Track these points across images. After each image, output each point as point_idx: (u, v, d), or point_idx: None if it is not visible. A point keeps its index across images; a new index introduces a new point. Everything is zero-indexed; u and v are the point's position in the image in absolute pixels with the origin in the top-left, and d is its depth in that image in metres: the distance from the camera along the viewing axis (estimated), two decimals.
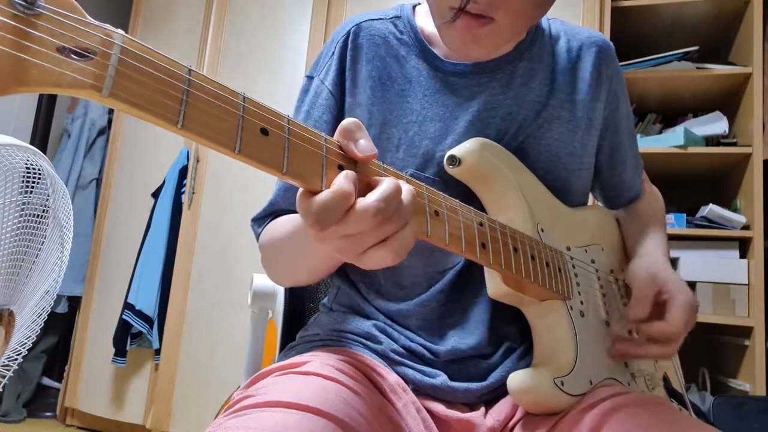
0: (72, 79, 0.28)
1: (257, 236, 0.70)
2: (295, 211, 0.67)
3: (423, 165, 0.63)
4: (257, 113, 0.36)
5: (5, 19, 0.26)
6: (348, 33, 0.68)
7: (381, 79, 0.66)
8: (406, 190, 0.42)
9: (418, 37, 0.67)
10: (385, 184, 0.40)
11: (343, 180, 0.39)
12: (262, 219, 0.70)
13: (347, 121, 0.42)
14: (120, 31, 0.31)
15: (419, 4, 0.73)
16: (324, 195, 0.38)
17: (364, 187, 0.41)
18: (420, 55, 0.67)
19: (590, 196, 0.78)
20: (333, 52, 0.68)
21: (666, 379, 0.71)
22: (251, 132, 0.35)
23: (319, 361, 0.54)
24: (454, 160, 0.59)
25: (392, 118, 0.65)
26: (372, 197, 0.39)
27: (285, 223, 0.63)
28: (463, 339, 0.61)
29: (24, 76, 0.27)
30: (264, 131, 0.36)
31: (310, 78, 0.70)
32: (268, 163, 0.36)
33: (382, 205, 0.39)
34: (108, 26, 0.30)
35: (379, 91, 0.66)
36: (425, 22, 0.69)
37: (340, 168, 0.41)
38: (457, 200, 0.50)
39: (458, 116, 0.64)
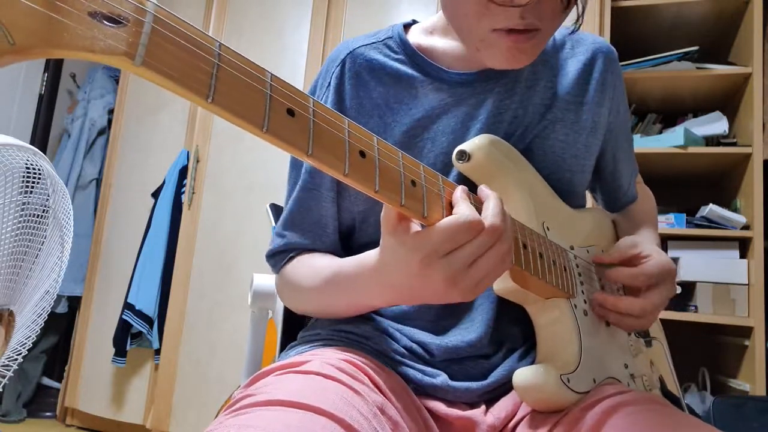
0: (105, 46, 0.28)
1: (276, 271, 0.70)
2: (310, 248, 0.68)
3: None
4: (284, 93, 0.36)
5: None
6: (343, 62, 0.67)
7: (388, 104, 0.65)
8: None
9: (415, 53, 0.67)
10: (494, 199, 0.47)
11: (465, 208, 0.46)
12: (276, 255, 0.70)
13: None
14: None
15: (412, 23, 0.72)
16: (449, 223, 0.44)
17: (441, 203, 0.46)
18: (421, 70, 0.66)
19: (588, 199, 0.78)
20: (329, 83, 0.67)
21: (662, 381, 0.71)
22: (278, 111, 0.35)
23: (319, 360, 0.54)
24: (464, 156, 0.59)
25: (405, 140, 0.64)
26: (493, 214, 0.46)
27: (325, 268, 0.62)
28: (464, 338, 0.61)
29: (57, 39, 0.26)
30: (290, 112, 0.36)
31: None
32: (295, 144, 0.36)
33: (501, 220, 0.46)
34: None
35: (388, 117, 0.65)
36: (420, 38, 0.69)
37: (362, 154, 0.40)
38: (471, 193, 0.51)
39: (468, 125, 0.64)
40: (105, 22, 0.28)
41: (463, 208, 0.45)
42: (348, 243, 0.70)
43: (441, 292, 0.47)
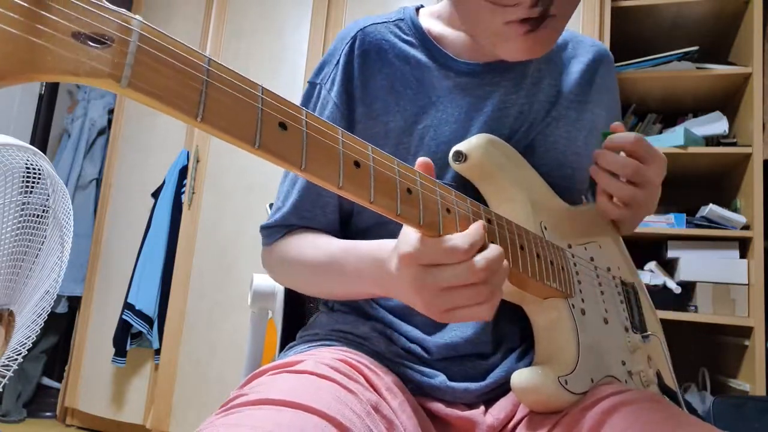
0: (89, 68, 0.27)
1: (267, 245, 0.70)
2: (307, 226, 0.67)
3: (439, 171, 0.63)
4: (276, 106, 0.35)
5: (18, 1, 0.25)
6: (353, 39, 0.66)
7: (393, 87, 0.65)
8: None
9: (426, 37, 0.67)
10: (496, 249, 0.46)
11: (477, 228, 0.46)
12: (272, 228, 0.69)
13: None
14: (138, 17, 0.29)
15: (421, 6, 0.72)
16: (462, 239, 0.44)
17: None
18: (429, 55, 0.66)
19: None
20: (338, 61, 0.66)
21: (659, 376, 0.71)
22: (270, 126, 0.34)
23: (314, 360, 0.54)
24: (460, 156, 0.59)
25: (407, 126, 0.64)
26: (485, 257, 0.45)
27: (321, 247, 0.63)
28: (462, 334, 0.61)
29: (39, 63, 0.25)
30: (282, 125, 0.35)
31: (313, 84, 0.69)
32: (288, 159, 0.35)
33: (486, 266, 0.45)
34: (125, 12, 0.29)
35: (392, 100, 0.65)
36: (431, 23, 0.69)
37: (356, 164, 0.40)
38: (468, 197, 0.50)
39: (473, 117, 0.64)
40: (89, 42, 0.27)
41: (467, 234, 0.46)
42: (346, 226, 0.70)
43: (409, 294, 0.49)
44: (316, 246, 0.64)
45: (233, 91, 0.33)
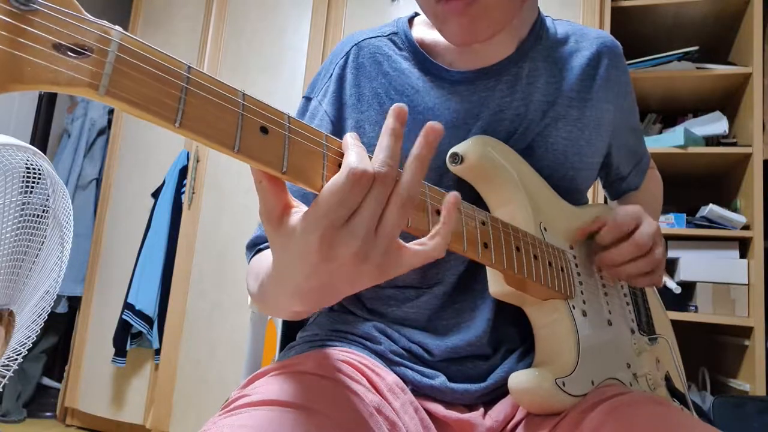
0: (68, 77, 0.28)
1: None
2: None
3: (437, 178, 0.62)
4: (257, 111, 0.36)
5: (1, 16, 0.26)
6: (347, 54, 0.67)
7: (388, 94, 0.65)
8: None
9: (418, 50, 0.67)
10: (382, 147, 0.38)
11: (352, 155, 0.37)
12: (250, 248, 0.66)
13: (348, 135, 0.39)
14: (118, 27, 0.30)
15: (415, 15, 0.72)
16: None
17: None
18: (423, 68, 0.66)
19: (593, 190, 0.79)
20: (331, 74, 0.67)
21: (668, 379, 0.71)
22: (250, 130, 0.35)
23: (316, 361, 0.54)
24: (457, 158, 0.59)
25: (403, 132, 0.64)
26: (379, 160, 0.37)
27: (262, 270, 0.51)
28: (464, 337, 0.61)
29: (19, 74, 0.26)
30: (264, 129, 0.36)
31: (307, 99, 0.70)
32: (268, 163, 0.35)
33: (390, 166, 0.37)
34: (105, 23, 0.30)
35: (387, 105, 0.65)
36: (424, 32, 0.69)
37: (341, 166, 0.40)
38: (463, 200, 0.50)
39: (470, 124, 0.64)
40: (69, 53, 0.28)
41: (350, 157, 0.37)
42: None
43: (353, 274, 0.38)
44: (256, 271, 0.55)
45: (213, 97, 0.34)
